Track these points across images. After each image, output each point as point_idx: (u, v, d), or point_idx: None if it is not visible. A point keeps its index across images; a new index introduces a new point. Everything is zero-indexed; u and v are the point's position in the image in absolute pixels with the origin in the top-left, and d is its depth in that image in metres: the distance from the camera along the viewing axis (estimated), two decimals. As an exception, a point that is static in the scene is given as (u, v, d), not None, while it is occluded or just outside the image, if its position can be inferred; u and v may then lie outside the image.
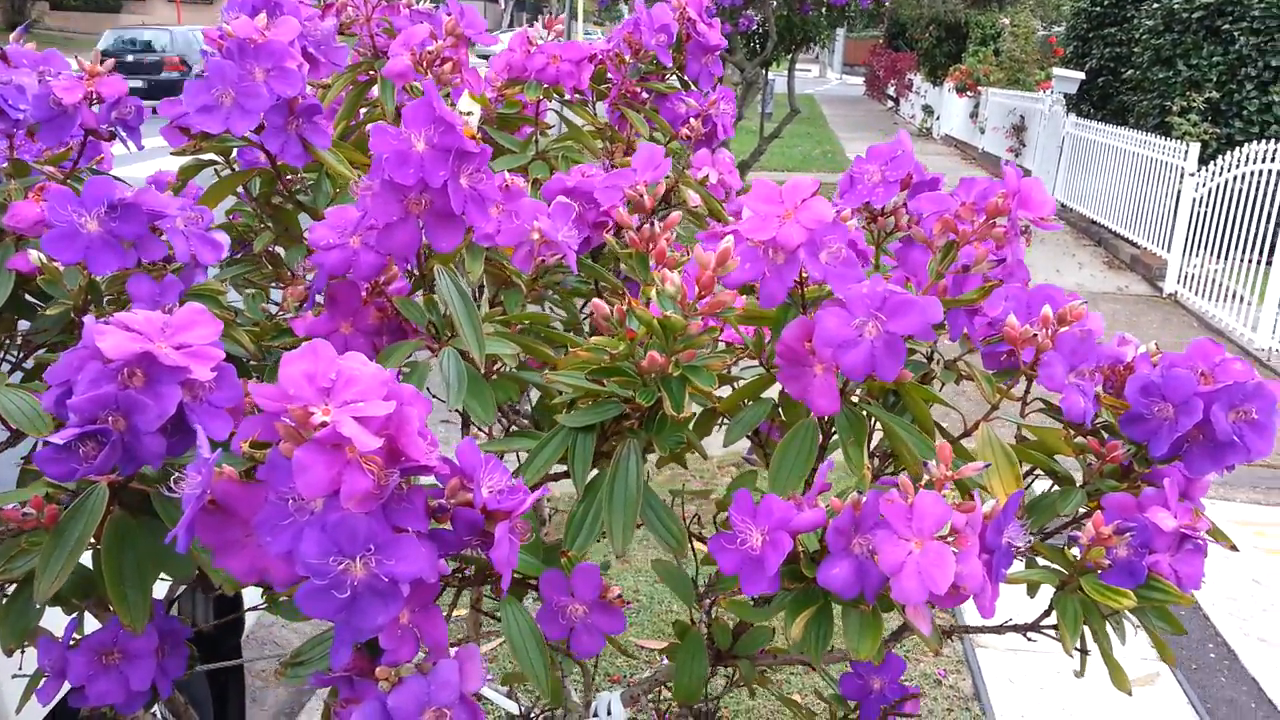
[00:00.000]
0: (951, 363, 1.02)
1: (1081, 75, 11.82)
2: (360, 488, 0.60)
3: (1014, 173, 0.87)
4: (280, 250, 1.28)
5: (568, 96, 1.41)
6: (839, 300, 0.80)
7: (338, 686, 0.74)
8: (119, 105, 1.06)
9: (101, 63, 1.06)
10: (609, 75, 1.49)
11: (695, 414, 0.80)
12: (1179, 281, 7.31)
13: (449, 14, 1.18)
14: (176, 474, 0.69)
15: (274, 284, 1.27)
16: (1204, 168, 7.26)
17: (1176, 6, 8.93)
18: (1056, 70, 12.28)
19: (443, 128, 0.81)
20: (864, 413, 0.84)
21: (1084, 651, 0.96)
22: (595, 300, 0.82)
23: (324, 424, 0.60)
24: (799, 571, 0.75)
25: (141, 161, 1.38)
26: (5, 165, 1.08)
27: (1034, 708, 2.87)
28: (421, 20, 1.34)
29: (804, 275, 0.84)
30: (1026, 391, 1.00)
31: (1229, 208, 6.82)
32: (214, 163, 1.29)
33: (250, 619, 2.66)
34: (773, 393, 0.97)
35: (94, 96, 1.05)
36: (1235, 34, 8.50)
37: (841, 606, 0.75)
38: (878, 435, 1.06)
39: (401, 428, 0.62)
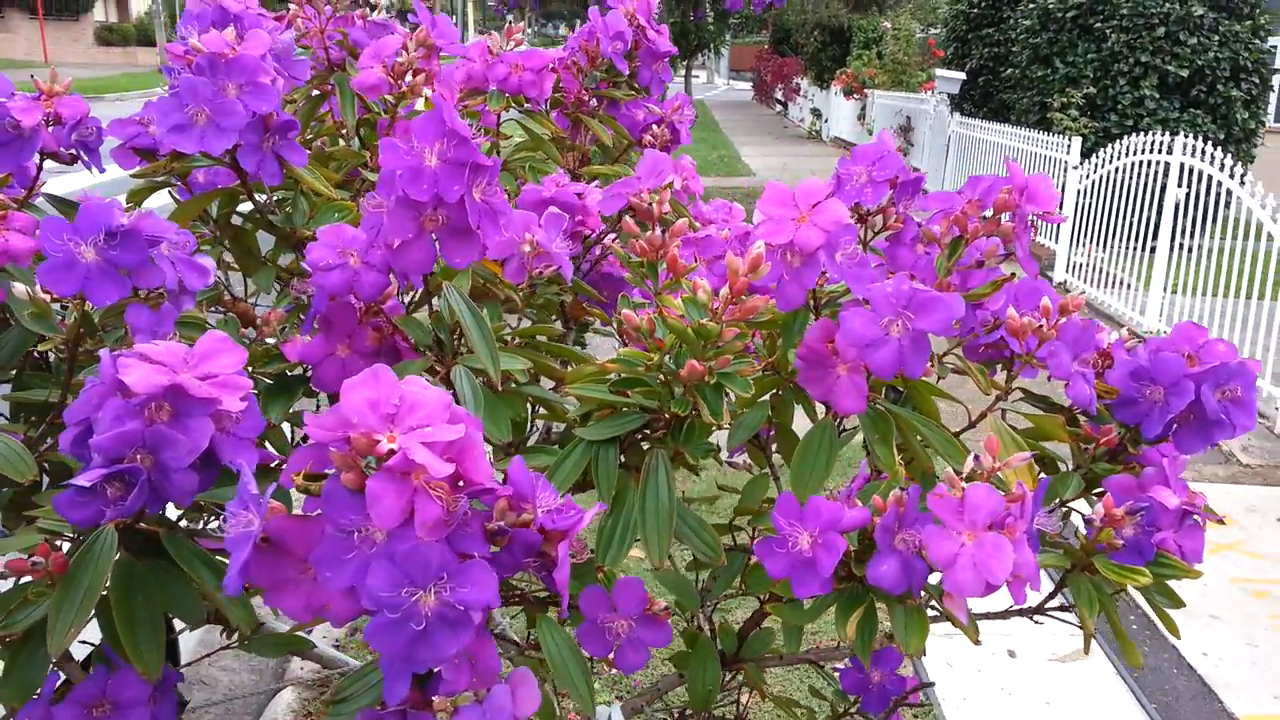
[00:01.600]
0: (940, 357, 1.04)
1: (963, 75, 12.25)
2: (432, 515, 0.58)
3: (1017, 168, 0.90)
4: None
5: (528, 106, 1.40)
6: (861, 300, 0.81)
7: (386, 722, 0.71)
8: (80, 126, 1.01)
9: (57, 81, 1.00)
10: (562, 84, 1.48)
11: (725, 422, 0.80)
12: (1068, 271, 7.62)
13: (416, 23, 1.16)
14: (211, 515, 0.66)
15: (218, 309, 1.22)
16: (1086, 161, 7.60)
17: (1051, 6, 9.33)
18: (939, 71, 12.70)
19: (456, 141, 0.79)
20: (887, 412, 0.85)
21: (1089, 635, 0.99)
22: (625, 311, 0.81)
23: (391, 451, 0.58)
24: (845, 571, 0.75)
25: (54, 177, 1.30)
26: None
27: (975, 690, 2.95)
28: (378, 32, 1.31)
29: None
30: (1008, 381, 1.03)
31: (1112, 199, 7.15)
32: (166, 184, 1.23)
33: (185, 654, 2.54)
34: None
35: (53, 117, 0.99)
36: (1107, 32, 8.92)
37: (887, 603, 0.76)
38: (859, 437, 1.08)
39: (466, 451, 0.60)
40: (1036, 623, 1.01)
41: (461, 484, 0.61)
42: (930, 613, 0.83)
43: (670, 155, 1.45)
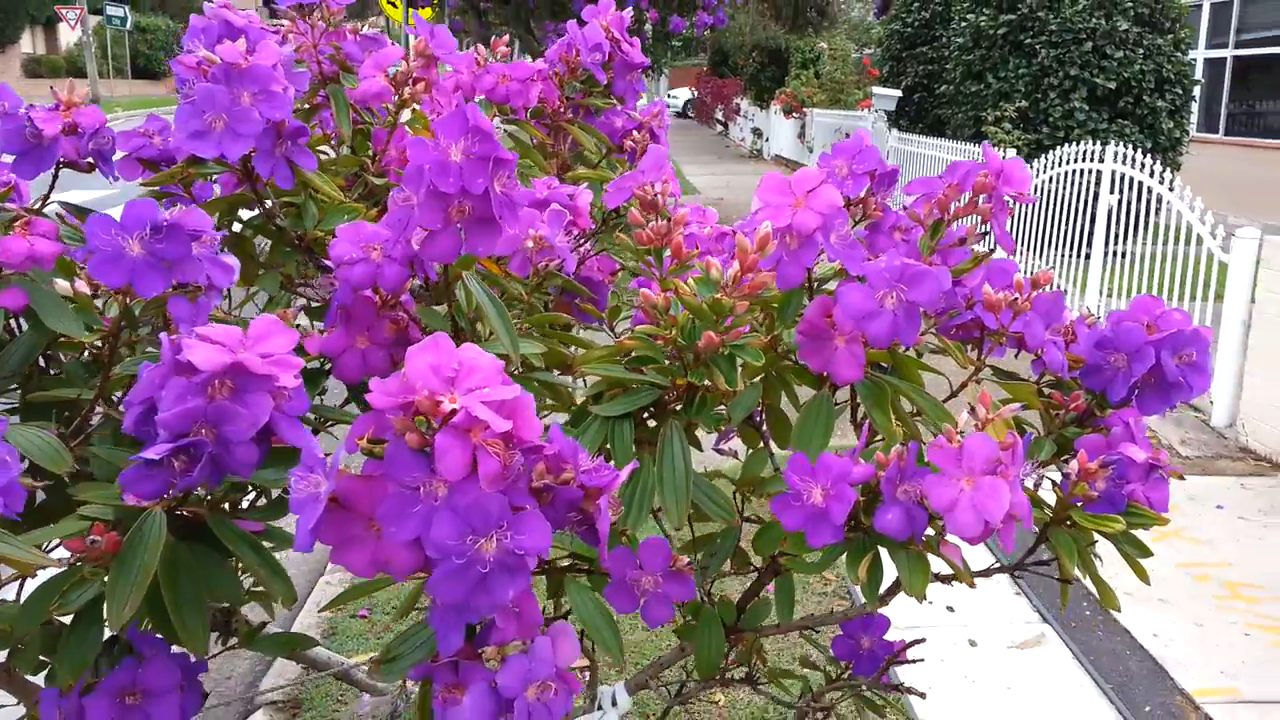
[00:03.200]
0: (920, 334, 1.12)
1: (899, 93, 12.56)
2: (493, 469, 0.64)
3: (993, 153, 0.98)
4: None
5: (512, 115, 1.46)
6: (856, 277, 0.88)
7: (436, 675, 0.76)
8: (96, 136, 1.05)
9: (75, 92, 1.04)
10: (543, 93, 1.54)
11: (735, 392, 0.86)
12: (1008, 278, 7.83)
13: (415, 35, 1.21)
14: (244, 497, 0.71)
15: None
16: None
17: (983, 24, 9.62)
18: (875, 89, 13.00)
19: (480, 136, 0.85)
20: (881, 381, 0.92)
21: (1066, 583, 1.06)
22: (644, 290, 0.87)
23: (454, 411, 0.63)
24: (854, 521, 0.82)
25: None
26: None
27: (939, 678, 3.04)
28: (370, 45, 1.36)
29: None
30: (982, 357, 1.11)
31: (1047, 207, 7.39)
32: (170, 195, 1.27)
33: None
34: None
35: (71, 127, 1.03)
36: (1037, 48, 9.22)
37: (891, 549, 0.82)
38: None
39: (519, 411, 0.66)
40: (1017, 578, 1.08)
41: (513, 442, 0.67)
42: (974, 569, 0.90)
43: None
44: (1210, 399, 5.16)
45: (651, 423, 0.98)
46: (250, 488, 1.05)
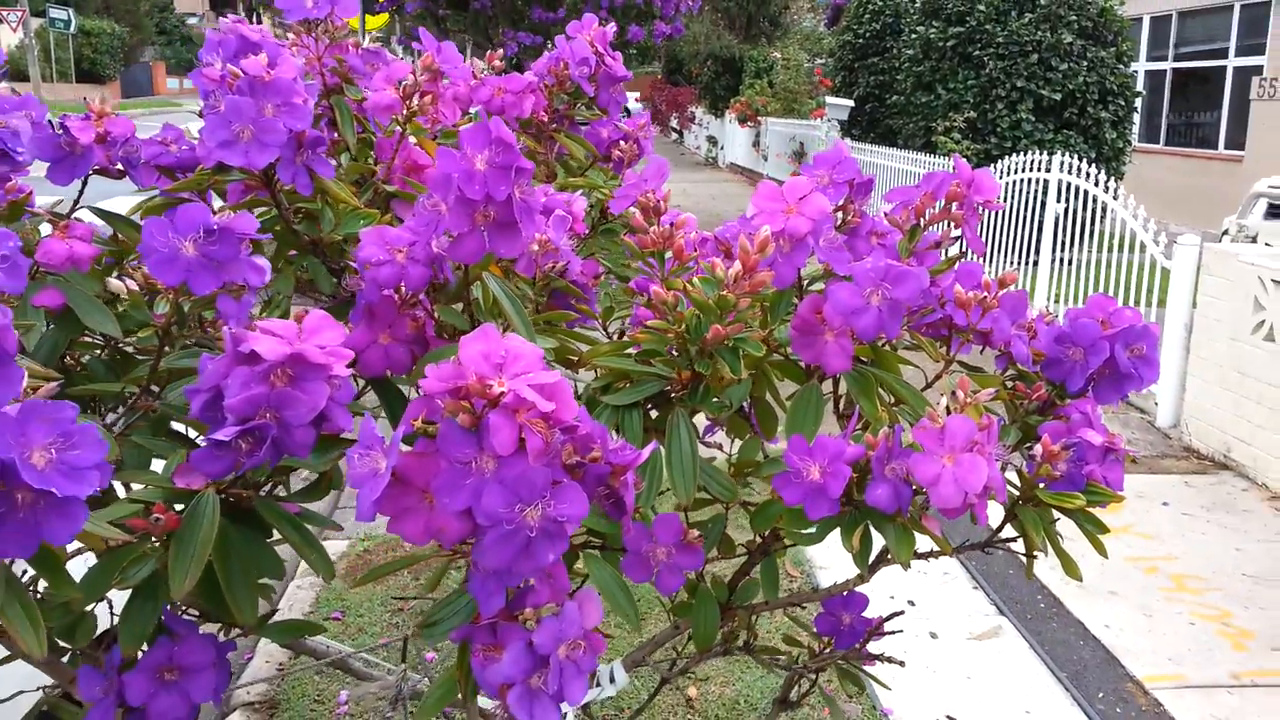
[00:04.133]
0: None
1: (851, 103, 12.79)
2: (538, 445, 0.72)
3: (964, 164, 1.08)
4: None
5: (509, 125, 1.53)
6: (844, 277, 0.97)
7: (475, 637, 0.83)
8: (126, 144, 1.11)
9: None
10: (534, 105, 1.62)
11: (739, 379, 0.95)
12: (960, 284, 8.03)
13: (423, 50, 1.28)
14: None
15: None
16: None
17: (932, 36, 9.86)
18: (828, 99, 13.22)
19: (502, 147, 0.92)
20: (867, 371, 1.01)
21: (1031, 557, 1.16)
22: (654, 288, 0.95)
23: (503, 393, 0.71)
24: (847, 498, 0.91)
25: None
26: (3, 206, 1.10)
27: (902, 672, 3.15)
28: (371, 59, 1.43)
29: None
30: (953, 352, 1.21)
31: (997, 216, 7.59)
32: (182, 200, 1.32)
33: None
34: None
35: (103, 136, 1.09)
36: (985, 59, 9.47)
37: (880, 521, 0.91)
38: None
39: (558, 394, 0.74)
40: (987, 553, 1.18)
41: (552, 422, 0.75)
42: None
43: (635, 169, 1.61)
44: (1155, 400, 5.36)
45: (654, 413, 1.07)
46: (267, 475, 1.12)
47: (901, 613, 1.34)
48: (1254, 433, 4.57)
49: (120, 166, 1.12)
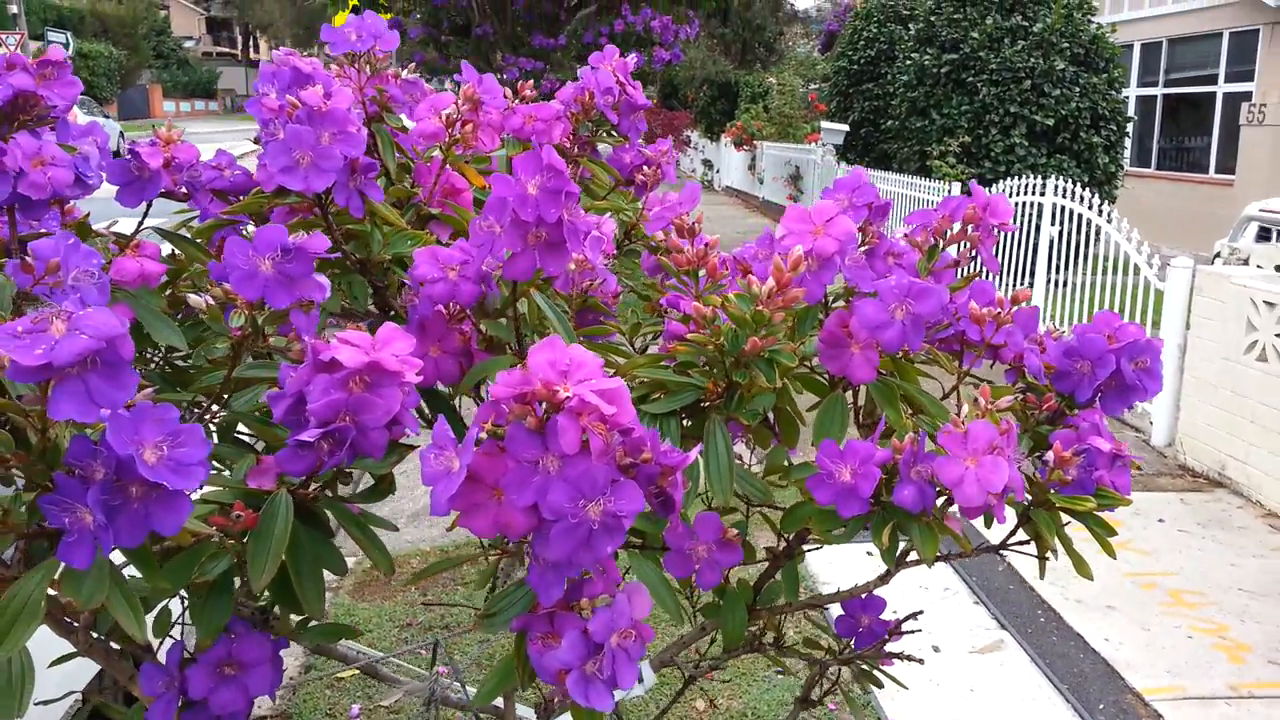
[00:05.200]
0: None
1: (846, 128, 12.94)
2: (600, 445, 0.78)
3: (981, 189, 1.15)
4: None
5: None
6: (868, 294, 1.04)
7: (532, 626, 0.90)
8: (192, 169, 1.17)
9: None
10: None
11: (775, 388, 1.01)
12: (956, 306, 8.13)
13: (464, 82, 1.36)
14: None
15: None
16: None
17: (927, 63, 10.00)
18: (824, 124, 13.38)
19: (553, 173, 0.99)
20: (891, 382, 1.08)
21: (1044, 559, 1.22)
22: (695, 304, 1.02)
23: (569, 397, 0.78)
24: (875, 498, 0.97)
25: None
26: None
27: (905, 682, 3.20)
28: (410, 89, 1.51)
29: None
30: (960, 364, 1.28)
31: (992, 238, 7.69)
32: (232, 223, 1.39)
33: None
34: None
35: (169, 161, 1.16)
36: (979, 85, 9.61)
37: (906, 520, 0.98)
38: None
39: (618, 399, 0.80)
40: (1001, 555, 1.24)
41: (610, 425, 0.81)
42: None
43: (658, 192, 1.68)
44: (1150, 419, 5.44)
45: (686, 421, 1.13)
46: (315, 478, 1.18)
47: (921, 612, 1.40)
48: (1248, 451, 4.65)
49: (184, 190, 1.18)
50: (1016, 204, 7.39)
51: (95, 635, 1.10)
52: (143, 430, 0.71)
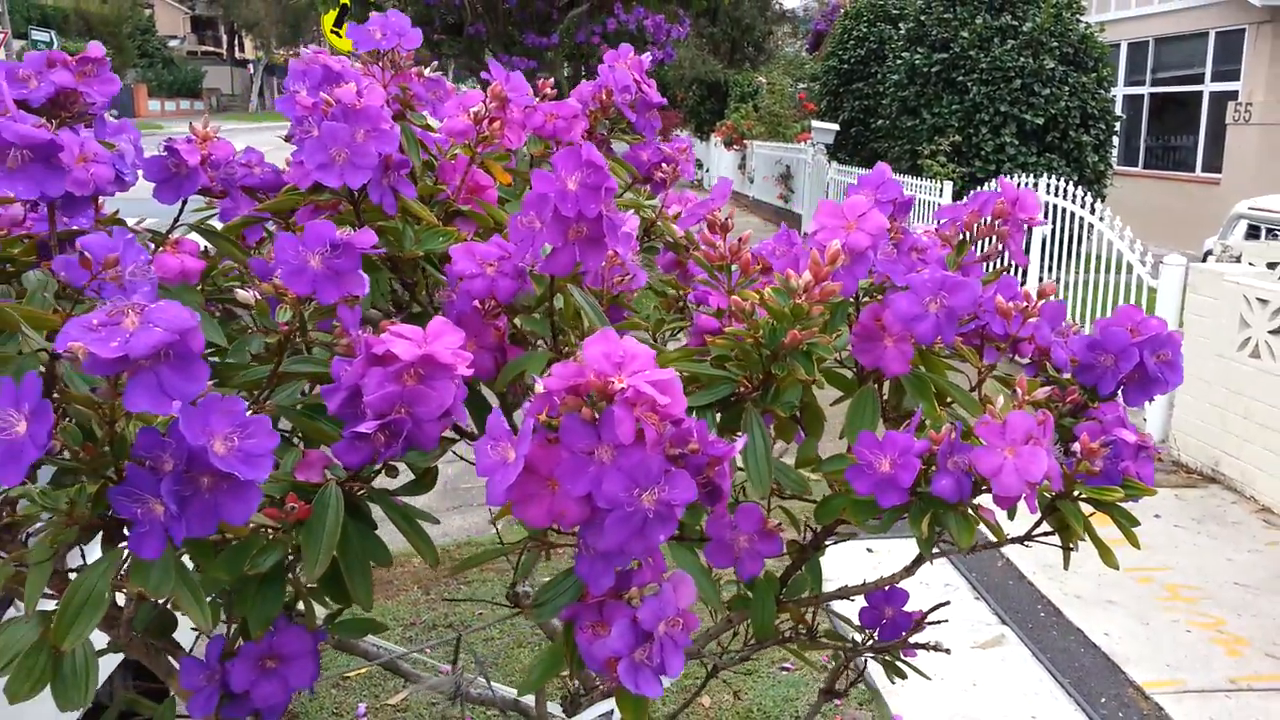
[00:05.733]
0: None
1: (836, 127, 12.98)
2: (654, 435, 0.80)
3: (1009, 184, 1.17)
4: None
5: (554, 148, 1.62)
6: (902, 287, 1.06)
7: (581, 615, 0.91)
8: (227, 166, 1.18)
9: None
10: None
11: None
12: (948, 304, 8.18)
13: (492, 79, 1.37)
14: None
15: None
16: (958, 202, 8.23)
17: (917, 62, 10.05)
18: (814, 123, 13.41)
19: (592, 169, 1.01)
20: (924, 375, 1.10)
21: (1069, 549, 1.24)
22: (734, 298, 1.03)
23: (624, 389, 0.79)
24: (913, 489, 0.99)
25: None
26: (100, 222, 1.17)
27: (910, 680, 3.22)
28: (433, 87, 1.52)
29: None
30: (982, 357, 1.30)
31: (984, 236, 7.74)
32: (260, 220, 1.40)
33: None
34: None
35: (207, 158, 1.17)
36: (969, 85, 9.66)
37: (944, 510, 0.99)
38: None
39: (670, 390, 0.82)
40: (1026, 547, 1.26)
41: (662, 415, 0.83)
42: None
43: (675, 189, 1.70)
44: (1144, 416, 5.48)
45: (717, 415, 1.15)
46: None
47: (947, 603, 1.42)
48: (1241, 447, 4.69)
49: (220, 187, 1.19)
50: (1008, 202, 7.43)
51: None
52: (213, 421, 0.72)
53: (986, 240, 1.25)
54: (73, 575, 0.85)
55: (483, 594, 3.75)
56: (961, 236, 1.16)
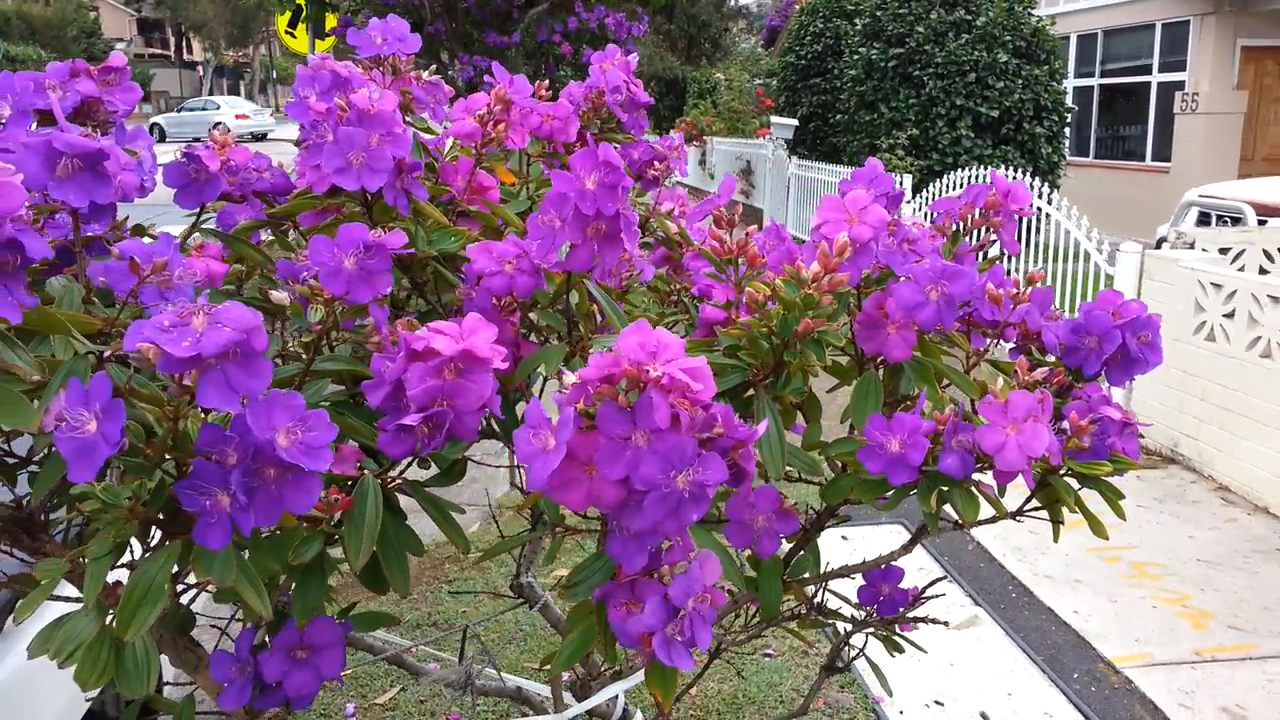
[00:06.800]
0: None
1: (795, 122, 13.09)
2: (688, 420, 0.84)
3: (1002, 176, 1.23)
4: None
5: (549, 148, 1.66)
6: (903, 276, 1.11)
7: (613, 595, 0.95)
8: (245, 171, 1.21)
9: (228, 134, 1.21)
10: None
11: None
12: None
13: (496, 82, 1.41)
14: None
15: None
16: (916, 195, 8.35)
17: (874, 57, 10.19)
18: (774, 119, 13.51)
19: (609, 169, 1.05)
20: (926, 361, 1.16)
21: (1058, 522, 1.31)
22: (748, 289, 1.08)
23: (659, 376, 0.84)
24: (921, 465, 1.05)
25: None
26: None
27: (887, 659, 3.30)
28: (432, 90, 1.55)
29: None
30: (982, 344, 1.36)
31: (944, 228, 7.87)
32: (269, 224, 1.43)
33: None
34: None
35: (226, 163, 1.20)
36: (925, 79, 9.81)
37: (950, 486, 1.05)
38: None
39: (701, 376, 0.87)
40: (1019, 522, 1.32)
41: (693, 400, 0.87)
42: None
43: (666, 186, 1.75)
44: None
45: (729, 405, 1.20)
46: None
47: (944, 577, 1.48)
48: (1198, 428, 4.84)
49: (239, 193, 1.22)
50: (967, 194, 7.57)
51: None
52: (276, 416, 0.76)
53: (978, 231, 1.31)
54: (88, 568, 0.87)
55: (465, 584, 3.78)
56: (955, 227, 1.22)
